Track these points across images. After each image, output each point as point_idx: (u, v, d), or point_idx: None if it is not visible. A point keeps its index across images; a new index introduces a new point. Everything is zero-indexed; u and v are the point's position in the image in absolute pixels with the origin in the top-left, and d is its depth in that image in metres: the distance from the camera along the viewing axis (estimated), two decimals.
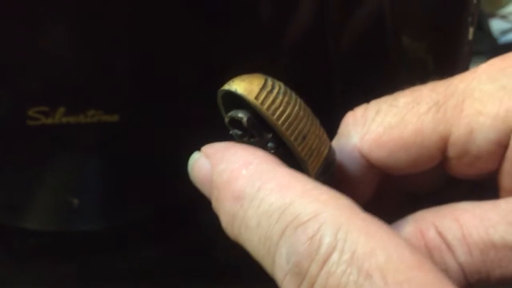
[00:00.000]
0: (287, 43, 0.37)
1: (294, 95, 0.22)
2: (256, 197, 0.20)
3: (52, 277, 0.45)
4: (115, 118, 0.38)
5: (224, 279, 0.45)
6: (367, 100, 0.25)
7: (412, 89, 0.25)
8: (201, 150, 0.23)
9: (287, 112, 0.22)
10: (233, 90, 0.22)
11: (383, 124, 0.24)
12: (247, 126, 0.22)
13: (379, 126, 0.24)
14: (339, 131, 0.25)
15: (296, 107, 0.22)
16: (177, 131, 0.39)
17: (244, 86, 0.22)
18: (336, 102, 0.36)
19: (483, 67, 0.24)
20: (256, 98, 0.22)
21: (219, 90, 0.23)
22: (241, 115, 0.22)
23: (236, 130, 0.23)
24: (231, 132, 0.23)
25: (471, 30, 0.31)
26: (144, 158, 0.42)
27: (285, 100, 0.22)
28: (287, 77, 0.23)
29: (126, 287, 0.45)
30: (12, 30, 0.36)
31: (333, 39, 0.36)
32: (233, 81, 0.22)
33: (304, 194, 0.19)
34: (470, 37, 0.31)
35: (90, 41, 0.37)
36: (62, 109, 0.38)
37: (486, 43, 0.63)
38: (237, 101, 0.22)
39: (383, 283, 0.17)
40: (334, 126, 0.26)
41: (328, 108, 0.28)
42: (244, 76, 0.22)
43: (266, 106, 0.22)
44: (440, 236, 0.23)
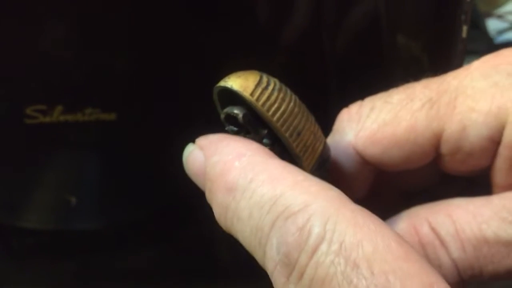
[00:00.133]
0: (283, 41, 0.37)
1: (289, 91, 0.23)
2: (248, 188, 0.20)
3: (51, 276, 0.45)
4: (112, 116, 0.38)
5: (224, 279, 0.45)
6: (362, 98, 0.26)
7: (406, 86, 0.25)
8: (195, 142, 0.23)
9: (282, 108, 0.22)
10: (228, 86, 0.22)
11: (377, 121, 0.24)
12: (242, 122, 0.22)
13: (373, 123, 0.24)
14: (334, 128, 0.26)
15: (291, 104, 0.22)
16: (174, 129, 0.39)
17: (239, 83, 0.22)
18: (331, 99, 0.36)
19: (476, 64, 0.24)
20: (252, 94, 0.22)
21: (215, 86, 0.23)
22: (236, 111, 0.22)
23: (232, 126, 0.23)
24: (226, 128, 0.23)
25: (465, 28, 0.32)
26: (142, 156, 0.42)
27: (280, 97, 0.22)
28: (283, 75, 0.23)
29: (125, 286, 0.45)
30: (9, 29, 0.36)
31: (329, 38, 0.36)
32: (229, 77, 0.22)
33: (295, 186, 0.20)
34: (464, 35, 0.32)
35: (87, 39, 0.37)
36: (60, 107, 0.38)
37: (482, 42, 0.63)
38: (232, 97, 0.22)
39: (369, 273, 0.17)
40: (329, 123, 0.26)
41: (323, 105, 0.28)
42: (239, 73, 0.22)
43: (261, 102, 0.22)
44: (434, 232, 0.23)
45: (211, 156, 0.22)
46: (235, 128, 0.23)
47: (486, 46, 0.63)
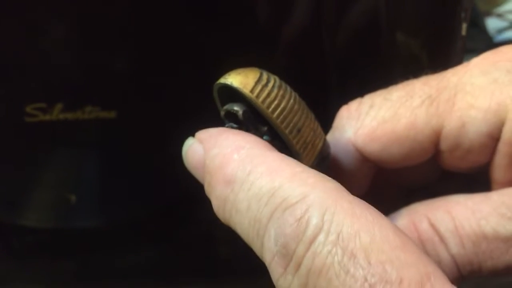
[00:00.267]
0: (283, 40, 0.37)
1: (289, 88, 0.23)
2: (247, 180, 0.20)
3: (50, 274, 0.45)
4: (112, 114, 0.38)
5: (224, 278, 0.45)
6: (362, 95, 0.26)
7: (405, 83, 0.25)
8: (195, 136, 0.23)
9: (282, 105, 0.22)
10: (228, 83, 0.22)
11: (376, 118, 0.24)
12: (242, 119, 0.22)
13: (372, 120, 0.24)
14: (334, 125, 0.26)
15: (291, 101, 0.22)
16: (175, 128, 0.39)
17: (239, 80, 0.22)
18: (331, 96, 0.36)
19: (475, 61, 0.24)
20: (252, 91, 0.22)
21: (215, 83, 0.23)
22: (236, 108, 0.22)
23: (232, 123, 0.23)
24: (226, 125, 0.23)
25: (464, 25, 0.32)
26: (142, 155, 0.42)
27: (280, 94, 0.22)
28: (283, 73, 0.23)
29: (125, 285, 0.45)
30: (9, 27, 0.36)
31: (328, 36, 0.36)
32: (229, 74, 0.22)
33: (293, 178, 0.20)
34: (464, 32, 0.32)
35: (87, 38, 0.37)
36: (60, 105, 0.38)
37: (482, 41, 0.63)
38: (232, 94, 0.22)
39: (367, 262, 0.18)
40: (329, 120, 0.26)
41: (323, 102, 0.28)
42: (239, 70, 0.22)
43: (261, 99, 0.22)
44: (433, 228, 0.23)
45: (211, 149, 0.22)
46: (235, 125, 0.23)
47: (486, 45, 0.63)
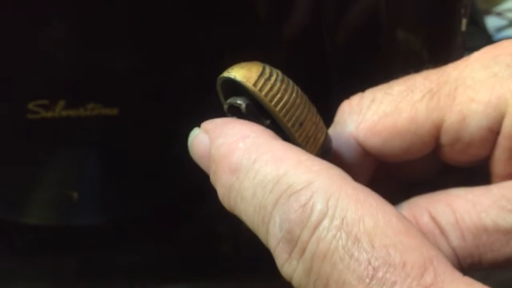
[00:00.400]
0: (284, 37, 0.37)
1: (291, 82, 0.23)
2: (252, 168, 0.20)
3: (52, 272, 0.45)
4: (114, 111, 0.39)
5: (225, 276, 0.45)
6: (363, 90, 0.26)
7: (406, 77, 0.25)
8: (200, 126, 0.23)
9: (284, 99, 0.22)
10: (232, 77, 0.22)
11: (378, 113, 0.25)
12: (245, 113, 0.22)
13: (374, 114, 0.25)
14: (335, 120, 0.26)
15: (294, 94, 0.23)
16: (177, 125, 0.40)
17: (242, 73, 0.22)
18: (333, 91, 0.36)
19: (475, 55, 0.24)
20: (255, 85, 0.22)
21: (218, 77, 0.23)
22: (239, 101, 0.23)
23: (235, 117, 0.23)
24: None
25: (464, 21, 0.32)
26: (144, 151, 0.42)
27: (282, 87, 0.22)
28: (285, 68, 0.24)
29: (127, 282, 0.45)
30: (11, 24, 0.36)
31: (329, 33, 0.37)
32: (232, 68, 0.23)
33: (298, 165, 0.20)
34: (463, 28, 0.32)
35: (89, 35, 0.37)
36: (62, 102, 0.38)
37: (481, 39, 0.63)
38: (235, 88, 0.22)
39: (370, 246, 0.18)
40: (330, 115, 0.26)
41: (325, 97, 0.28)
42: (242, 64, 0.23)
43: (264, 92, 0.22)
44: (434, 221, 0.24)
45: (216, 139, 0.22)
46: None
47: (485, 43, 0.63)
